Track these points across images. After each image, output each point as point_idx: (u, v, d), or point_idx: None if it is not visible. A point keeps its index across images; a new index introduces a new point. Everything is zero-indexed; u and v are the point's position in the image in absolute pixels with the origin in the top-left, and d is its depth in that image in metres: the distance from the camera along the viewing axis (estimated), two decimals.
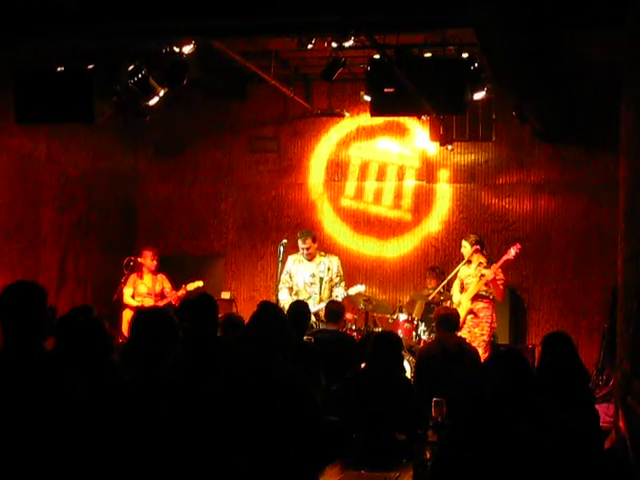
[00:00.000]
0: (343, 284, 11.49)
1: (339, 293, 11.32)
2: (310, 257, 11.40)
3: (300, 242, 11.43)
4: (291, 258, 11.56)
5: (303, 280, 11.39)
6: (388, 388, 7.00)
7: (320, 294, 11.29)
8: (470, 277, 11.71)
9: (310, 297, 11.20)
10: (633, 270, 7.11)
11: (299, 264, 11.46)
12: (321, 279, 11.32)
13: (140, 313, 5.27)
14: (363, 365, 7.96)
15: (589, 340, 12.92)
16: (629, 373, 7.17)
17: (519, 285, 13.63)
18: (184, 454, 4.65)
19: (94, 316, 6.66)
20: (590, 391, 7.39)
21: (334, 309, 10.02)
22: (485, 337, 11.48)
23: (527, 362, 5.41)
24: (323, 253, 11.65)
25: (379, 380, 7.07)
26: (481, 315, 11.54)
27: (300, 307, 8.86)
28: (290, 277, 11.50)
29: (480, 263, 11.70)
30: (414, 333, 11.79)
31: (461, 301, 11.65)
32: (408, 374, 9.71)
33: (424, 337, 11.57)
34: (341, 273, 11.53)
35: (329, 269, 11.39)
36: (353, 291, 11.55)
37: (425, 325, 11.80)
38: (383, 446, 6.63)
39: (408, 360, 10.47)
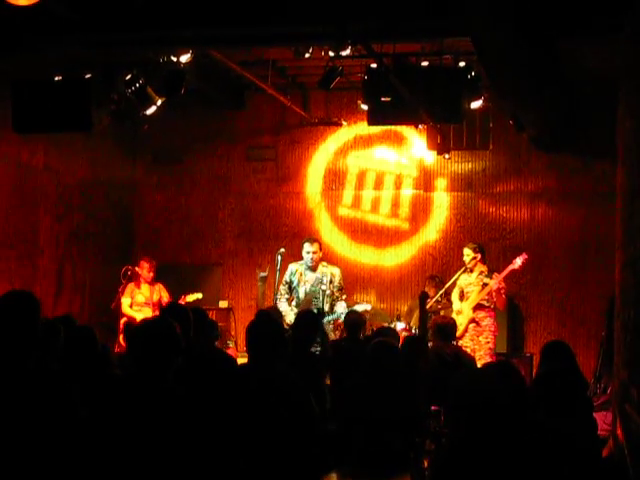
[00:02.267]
0: (344, 297, 11.32)
1: (340, 308, 11.11)
2: (314, 264, 11.21)
3: (307, 245, 11.22)
4: (291, 267, 11.33)
5: (305, 292, 11.24)
6: (385, 397, 6.99)
7: (322, 306, 11.11)
8: (471, 286, 11.70)
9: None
10: (630, 278, 7.11)
11: (300, 276, 11.29)
12: (323, 291, 11.16)
13: (142, 325, 5.27)
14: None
15: (587, 348, 12.92)
16: (627, 381, 7.16)
17: (517, 293, 13.62)
18: (185, 463, 4.65)
19: (86, 327, 6.68)
20: (588, 399, 7.38)
21: (355, 320, 9.78)
22: (490, 344, 11.50)
23: (520, 373, 5.42)
24: (325, 264, 11.47)
25: (376, 389, 7.06)
26: (483, 324, 11.55)
27: (310, 317, 8.84)
28: (290, 288, 11.33)
29: (481, 272, 11.68)
30: None
31: (462, 309, 11.64)
32: None
33: None
34: (342, 286, 11.33)
35: (331, 282, 11.20)
36: (359, 309, 11.45)
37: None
38: (380, 455, 6.63)
39: None
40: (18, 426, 4.34)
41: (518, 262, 11.70)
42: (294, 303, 11.20)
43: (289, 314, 10.80)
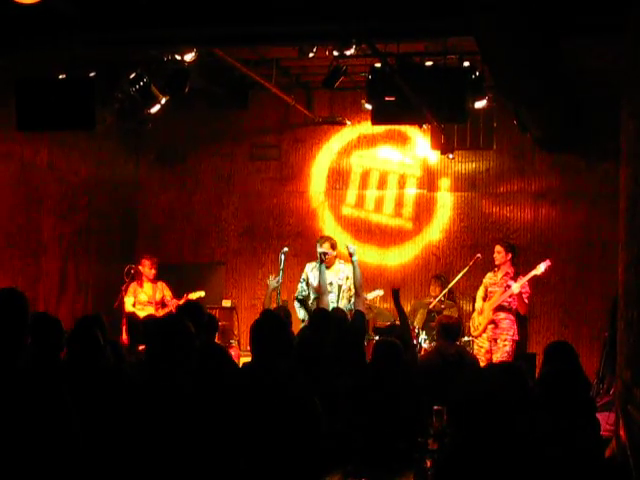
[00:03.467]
0: (363, 294, 11.28)
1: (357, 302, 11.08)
2: (328, 263, 11.20)
3: (317, 246, 11.23)
4: (309, 266, 11.36)
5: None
6: (389, 396, 6.99)
7: (337, 302, 11.10)
8: (495, 286, 11.65)
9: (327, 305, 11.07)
10: (633, 278, 7.11)
11: (316, 272, 11.25)
12: (339, 286, 11.15)
13: (155, 321, 5.27)
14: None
15: (590, 348, 12.91)
16: (629, 382, 7.17)
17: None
18: (189, 461, 4.66)
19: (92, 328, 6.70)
20: (591, 400, 7.37)
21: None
22: (507, 348, 11.43)
23: (525, 375, 5.41)
24: (342, 261, 11.48)
25: (380, 388, 7.06)
26: (502, 326, 11.52)
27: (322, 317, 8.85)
28: (307, 285, 11.33)
29: (507, 273, 11.61)
30: (415, 342, 11.76)
31: (484, 309, 11.61)
32: None
33: (425, 345, 11.56)
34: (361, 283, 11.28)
35: (348, 278, 11.17)
36: (372, 295, 11.45)
37: (426, 333, 11.79)
38: (384, 455, 6.63)
39: None
40: (5, 424, 4.33)
41: (541, 268, 11.56)
42: (310, 300, 11.20)
43: (300, 311, 10.90)
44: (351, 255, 10.53)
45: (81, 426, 4.48)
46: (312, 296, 11.10)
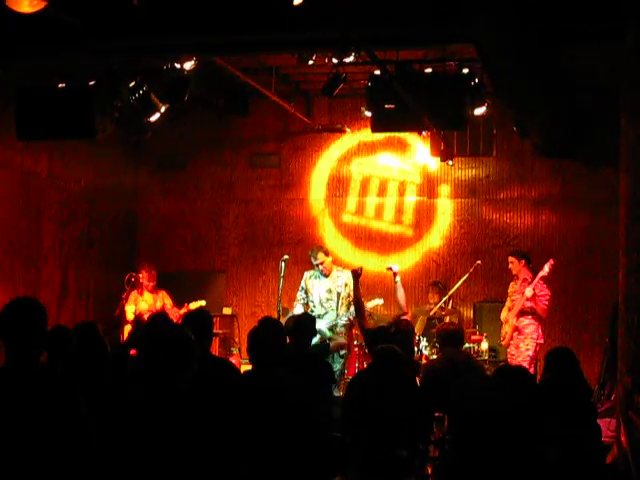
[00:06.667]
0: (362, 299, 11.28)
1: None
2: (327, 271, 11.18)
3: (312, 259, 11.23)
4: (307, 274, 11.37)
5: (319, 296, 11.16)
6: (390, 403, 6.99)
7: (337, 309, 11.09)
8: (516, 294, 11.64)
9: (327, 312, 11.06)
10: (634, 284, 7.11)
11: (314, 280, 11.27)
12: (338, 294, 11.12)
13: (154, 329, 5.28)
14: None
15: (591, 354, 12.90)
16: (631, 387, 7.16)
17: None
18: (189, 467, 4.66)
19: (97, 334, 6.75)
20: (592, 406, 7.37)
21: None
22: (530, 352, 11.38)
23: (532, 379, 5.41)
24: (340, 268, 11.46)
25: (381, 395, 7.06)
26: (526, 331, 11.46)
27: (304, 321, 8.80)
28: (306, 293, 11.32)
29: (525, 279, 11.59)
30: (415, 348, 11.73)
31: (507, 318, 11.61)
32: None
33: (426, 352, 11.55)
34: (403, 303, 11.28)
35: (346, 285, 11.15)
36: (371, 304, 11.46)
37: (427, 340, 11.77)
38: (385, 461, 6.62)
39: None
40: (21, 428, 4.37)
41: (546, 269, 11.49)
42: (309, 309, 11.19)
43: None
44: (395, 275, 10.79)
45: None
46: (315, 312, 11.07)
